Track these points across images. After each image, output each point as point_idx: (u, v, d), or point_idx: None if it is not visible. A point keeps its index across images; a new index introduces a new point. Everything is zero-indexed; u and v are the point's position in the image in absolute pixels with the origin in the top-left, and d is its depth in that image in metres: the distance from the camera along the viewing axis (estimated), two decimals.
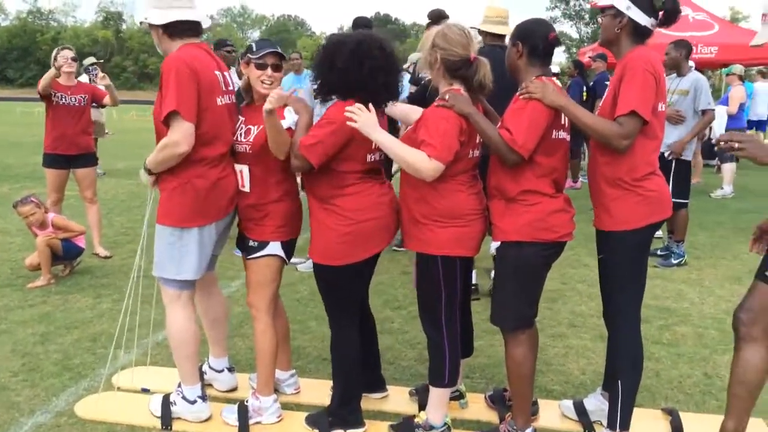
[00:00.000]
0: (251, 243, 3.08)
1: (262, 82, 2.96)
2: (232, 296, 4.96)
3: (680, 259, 6.02)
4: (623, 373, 2.85)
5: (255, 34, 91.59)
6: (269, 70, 2.97)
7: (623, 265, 2.82)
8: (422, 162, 2.65)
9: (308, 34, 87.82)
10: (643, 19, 2.75)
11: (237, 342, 4.13)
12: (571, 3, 67.26)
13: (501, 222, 2.83)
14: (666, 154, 5.74)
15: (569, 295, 5.13)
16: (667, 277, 5.64)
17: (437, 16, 5.37)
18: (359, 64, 2.74)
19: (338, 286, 2.96)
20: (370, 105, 2.74)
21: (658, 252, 6.24)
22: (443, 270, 2.82)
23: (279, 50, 3.00)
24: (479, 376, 3.71)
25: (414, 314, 3.07)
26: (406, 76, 6.16)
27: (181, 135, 2.79)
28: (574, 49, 56.79)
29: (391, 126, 3.18)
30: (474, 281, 4.89)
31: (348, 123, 2.69)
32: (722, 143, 2.39)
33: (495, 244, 2.87)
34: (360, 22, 5.97)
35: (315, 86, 2.90)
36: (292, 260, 5.39)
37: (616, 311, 2.90)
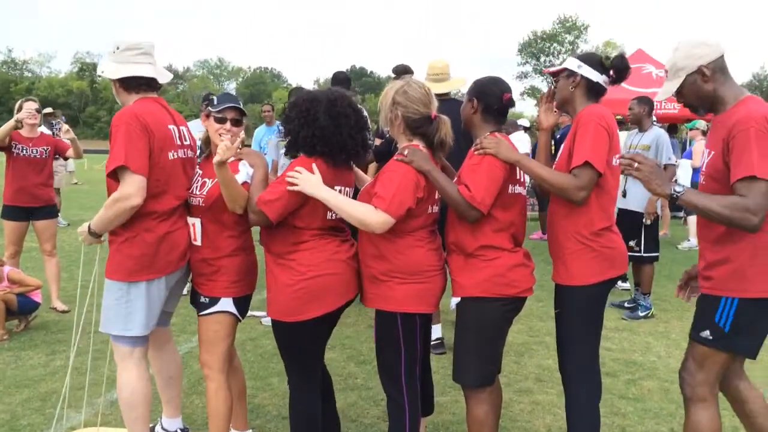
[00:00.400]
0: (202, 299, 3.00)
1: (221, 135, 2.94)
2: (193, 351, 4.82)
3: (647, 312, 6.02)
4: None
5: (231, 86, 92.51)
6: (228, 124, 2.96)
7: (577, 320, 2.81)
8: (369, 215, 2.65)
9: (284, 86, 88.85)
10: (594, 75, 2.82)
11: (194, 400, 3.99)
12: (542, 59, 69.32)
13: (460, 277, 2.80)
14: (644, 220, 5.87)
15: (536, 349, 5.08)
16: (634, 330, 5.63)
17: (402, 71, 5.45)
18: (336, 123, 2.74)
19: (294, 342, 2.88)
20: (314, 165, 2.73)
21: (626, 304, 6.25)
22: (403, 327, 2.77)
23: (240, 105, 3.00)
24: None
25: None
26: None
27: (134, 188, 2.75)
28: None
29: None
30: (439, 335, 4.85)
31: (288, 188, 2.68)
32: (623, 161, 2.48)
33: (455, 300, 2.84)
34: (340, 78, 6.06)
35: (284, 141, 2.90)
36: (256, 313, 5.35)
37: (572, 370, 2.87)
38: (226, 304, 2.97)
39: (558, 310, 2.88)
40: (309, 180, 2.69)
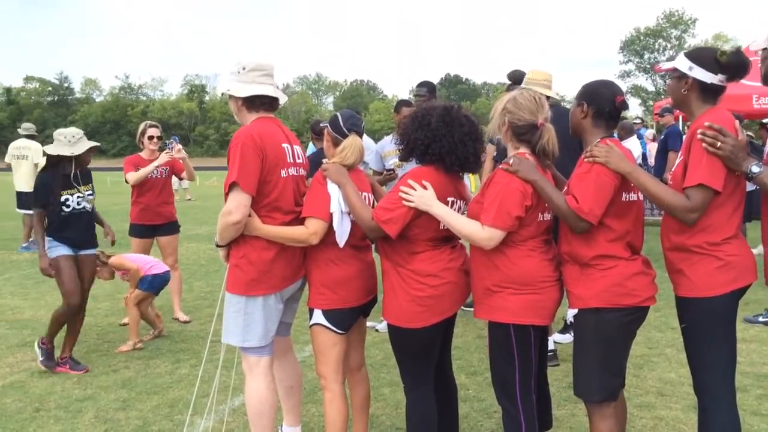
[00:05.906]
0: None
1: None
2: (306, 361, 4.95)
3: None
4: None
5: (329, 100, 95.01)
6: None
7: (707, 335, 2.60)
8: (476, 233, 2.67)
9: (380, 98, 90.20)
10: (708, 77, 2.60)
11: (310, 408, 4.10)
12: (645, 56, 66.52)
13: (576, 288, 2.72)
14: None
15: (656, 361, 4.85)
16: (764, 341, 5.25)
17: (516, 78, 5.37)
18: (449, 128, 2.80)
19: (411, 347, 2.92)
20: (424, 182, 2.77)
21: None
22: (516, 339, 2.73)
23: (360, 129, 3.12)
24: None
25: (490, 380, 2.96)
26: None
27: (234, 205, 2.86)
28: (650, 102, 55.79)
29: None
30: (552, 347, 4.73)
31: (404, 203, 2.73)
32: (706, 138, 2.46)
33: (572, 312, 2.76)
34: (427, 86, 6.11)
35: (400, 148, 2.99)
36: (369, 323, 5.42)
37: (705, 390, 2.65)
38: (317, 315, 3.03)
39: (683, 325, 2.72)
40: (422, 196, 2.74)
